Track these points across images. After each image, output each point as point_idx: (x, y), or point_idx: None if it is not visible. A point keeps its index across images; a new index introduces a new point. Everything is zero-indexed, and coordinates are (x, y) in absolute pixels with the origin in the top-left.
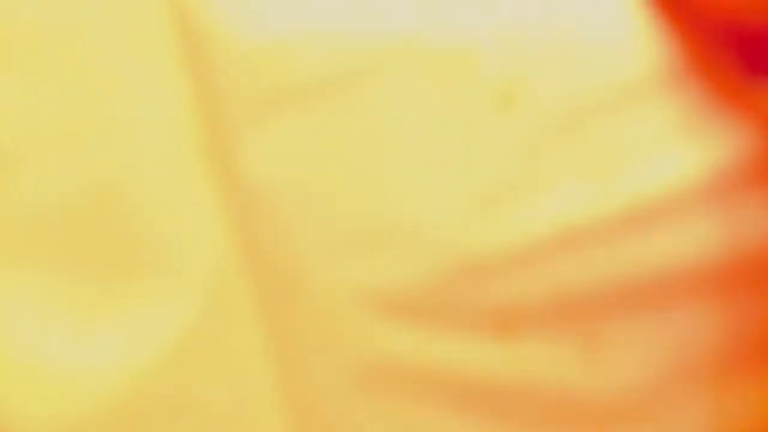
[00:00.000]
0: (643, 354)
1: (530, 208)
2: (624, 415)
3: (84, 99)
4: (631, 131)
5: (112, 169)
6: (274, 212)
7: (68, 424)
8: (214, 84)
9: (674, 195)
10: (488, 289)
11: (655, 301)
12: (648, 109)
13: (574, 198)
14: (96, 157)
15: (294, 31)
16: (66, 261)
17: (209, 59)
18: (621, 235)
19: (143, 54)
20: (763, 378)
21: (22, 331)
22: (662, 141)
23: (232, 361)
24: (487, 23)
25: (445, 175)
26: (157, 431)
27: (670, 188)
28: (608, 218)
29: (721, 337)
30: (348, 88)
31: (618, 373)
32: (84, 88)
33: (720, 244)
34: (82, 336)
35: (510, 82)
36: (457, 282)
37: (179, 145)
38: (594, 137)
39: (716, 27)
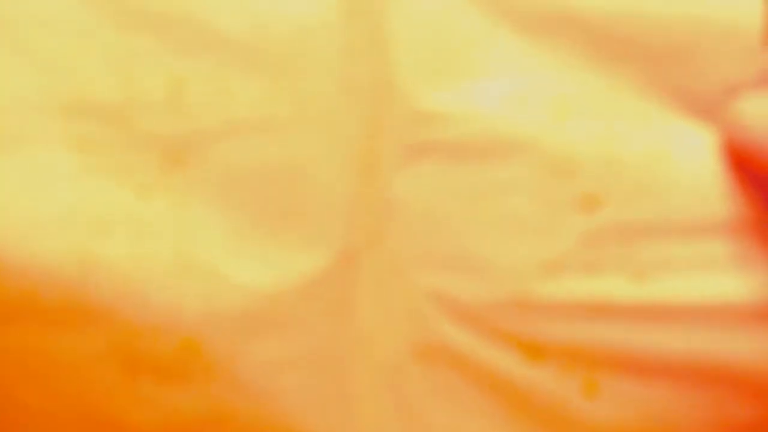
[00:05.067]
0: (636, 407)
1: (580, 282)
2: None
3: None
4: (688, 255)
5: (295, 156)
6: (404, 222)
7: (229, 316)
8: (382, 129)
9: (711, 309)
10: (527, 322)
11: (661, 380)
12: (709, 242)
13: (618, 285)
14: (286, 145)
15: (463, 104)
16: (249, 206)
17: (388, 113)
18: (651, 323)
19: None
20: None
21: (209, 249)
22: (713, 267)
23: (344, 310)
24: (590, 136)
25: (527, 241)
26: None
27: (710, 303)
28: (643, 308)
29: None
30: (482, 158)
31: (614, 413)
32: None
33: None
34: (249, 257)
35: (598, 190)
36: (509, 311)
37: (342, 149)
38: (650, 251)
39: None
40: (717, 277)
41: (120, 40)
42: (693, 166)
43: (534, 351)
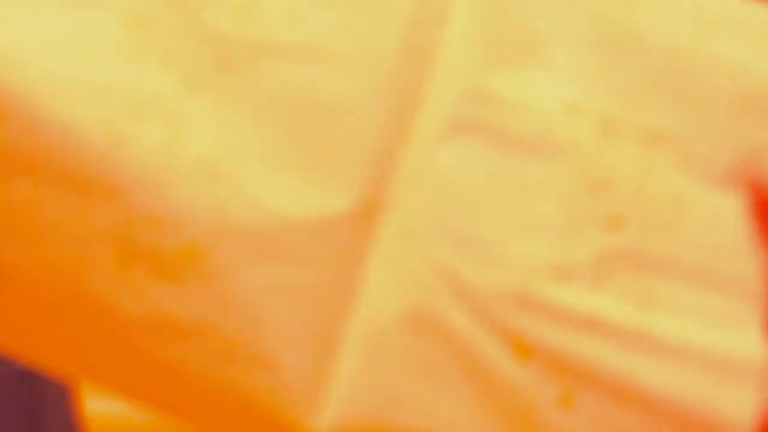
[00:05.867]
0: (605, 430)
1: (585, 294)
2: None
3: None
4: (692, 300)
5: (343, 95)
6: (432, 192)
7: (241, 231)
8: (431, 95)
9: (704, 356)
10: (525, 320)
11: (638, 410)
12: (715, 294)
13: (620, 308)
14: (337, 81)
15: (520, 93)
16: (287, 132)
17: (441, 81)
18: (641, 353)
19: None
20: None
21: (239, 160)
22: (713, 318)
23: (351, 258)
24: (630, 160)
25: (545, 242)
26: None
27: (704, 350)
28: (638, 336)
29: None
30: (527, 153)
31: (584, 429)
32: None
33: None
34: (274, 180)
35: (624, 213)
36: (511, 304)
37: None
38: (658, 285)
39: None
40: (715, 328)
41: None
42: (712, 220)
43: (522, 349)
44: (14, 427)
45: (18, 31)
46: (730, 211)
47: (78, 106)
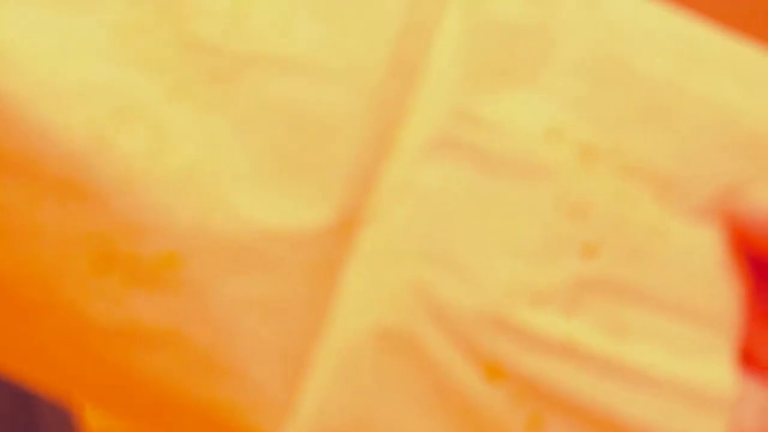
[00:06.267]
0: None
1: (558, 320)
2: None
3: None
4: (665, 330)
5: (328, 108)
6: (411, 209)
7: (220, 240)
8: (416, 111)
9: (676, 387)
10: (498, 342)
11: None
12: (687, 326)
13: (593, 336)
14: (324, 94)
15: (506, 115)
16: (271, 144)
17: (426, 98)
18: (613, 382)
19: None
20: None
21: (222, 171)
22: (686, 349)
23: (328, 272)
24: (609, 189)
25: (522, 265)
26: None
27: (675, 381)
28: (610, 365)
29: None
30: (509, 176)
31: None
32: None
33: None
34: (256, 191)
35: (599, 241)
36: (484, 325)
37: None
38: (632, 314)
39: None
40: (686, 358)
41: None
42: (687, 251)
43: (495, 372)
44: (12, 426)
45: (4, 32)
46: (705, 243)
47: (62, 108)
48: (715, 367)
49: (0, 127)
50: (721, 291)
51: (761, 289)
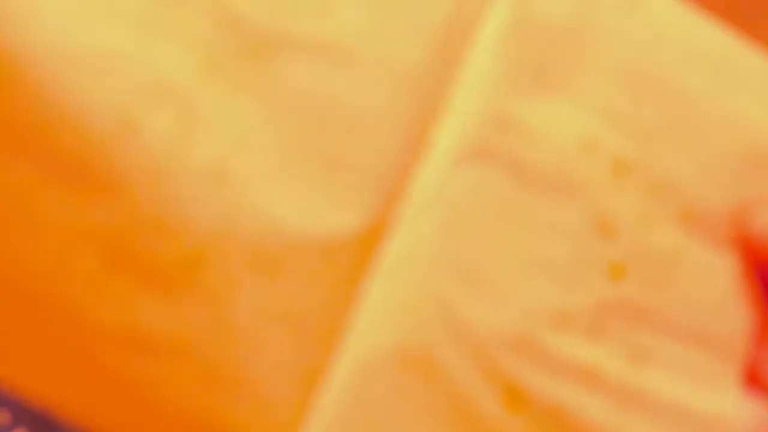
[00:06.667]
0: None
1: (582, 344)
2: None
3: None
4: (686, 359)
5: (361, 102)
6: (441, 219)
7: (244, 240)
8: (449, 113)
9: (696, 417)
10: (521, 365)
11: None
12: (708, 355)
13: (614, 362)
14: (359, 85)
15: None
16: (300, 136)
17: (461, 102)
18: (633, 409)
19: None
20: None
21: (249, 165)
22: (707, 379)
23: (351, 281)
24: (635, 208)
25: (549, 286)
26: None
27: (696, 411)
28: (631, 392)
29: None
30: (542, 189)
31: None
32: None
33: None
34: (284, 191)
35: (626, 263)
36: (508, 347)
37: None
38: (654, 341)
39: None
40: (699, 386)
41: None
42: (704, 276)
43: (515, 395)
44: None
45: None
46: (722, 268)
47: (84, 80)
48: (726, 397)
49: (10, 95)
50: (734, 318)
51: None
